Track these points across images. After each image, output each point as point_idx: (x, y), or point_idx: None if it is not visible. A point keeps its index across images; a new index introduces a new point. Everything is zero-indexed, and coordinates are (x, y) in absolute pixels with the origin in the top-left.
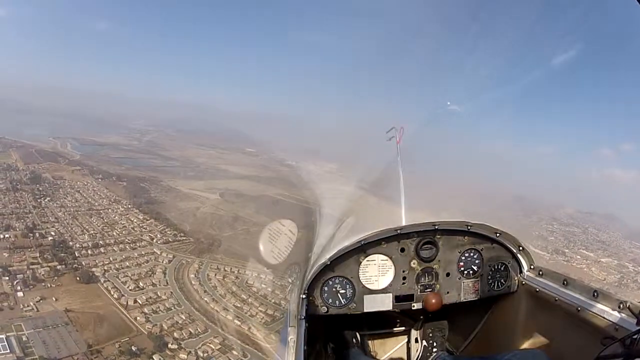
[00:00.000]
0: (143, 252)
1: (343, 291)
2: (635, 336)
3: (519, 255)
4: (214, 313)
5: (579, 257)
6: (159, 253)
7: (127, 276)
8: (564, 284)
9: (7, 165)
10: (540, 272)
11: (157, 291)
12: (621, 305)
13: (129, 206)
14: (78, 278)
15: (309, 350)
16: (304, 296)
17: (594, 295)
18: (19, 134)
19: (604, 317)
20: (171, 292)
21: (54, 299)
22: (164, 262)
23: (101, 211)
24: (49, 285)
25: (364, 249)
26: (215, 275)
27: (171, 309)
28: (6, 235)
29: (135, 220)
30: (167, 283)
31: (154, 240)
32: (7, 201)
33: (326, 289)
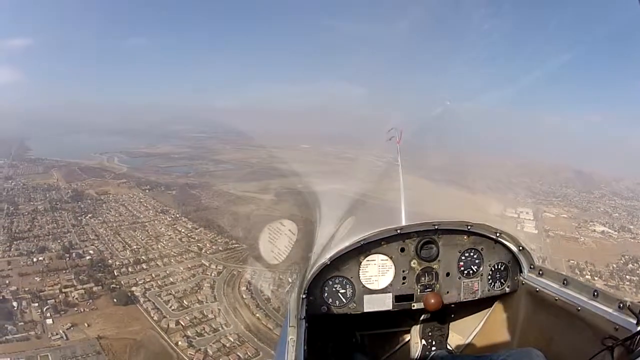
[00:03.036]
0: (190, 265)
1: (343, 291)
2: (636, 337)
3: (519, 255)
4: (267, 332)
5: None
6: (207, 265)
7: (170, 294)
8: (564, 283)
9: (48, 185)
10: (540, 272)
11: (203, 309)
12: (621, 305)
13: (177, 215)
14: (115, 300)
15: (309, 350)
16: (304, 296)
17: (594, 295)
18: (63, 153)
19: (604, 317)
20: (219, 310)
21: (86, 324)
22: (213, 274)
23: (146, 223)
24: (82, 310)
25: (364, 248)
26: (269, 285)
27: (218, 330)
28: (40, 258)
29: (183, 230)
30: (215, 299)
31: (203, 251)
32: (44, 222)
33: (326, 288)
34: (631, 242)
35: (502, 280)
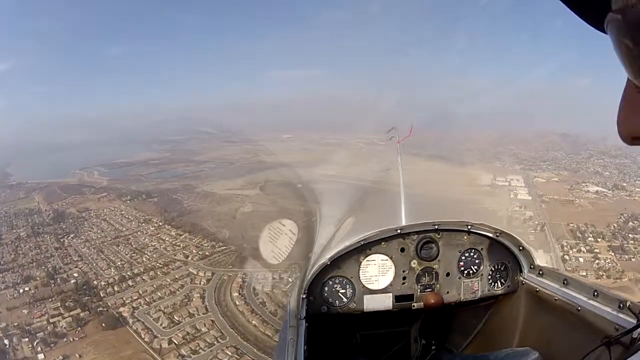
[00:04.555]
0: (177, 276)
1: (343, 291)
2: (630, 333)
3: (519, 255)
4: (266, 339)
5: (638, 189)
6: (195, 273)
7: (159, 310)
8: (564, 283)
9: (29, 210)
10: (541, 272)
11: (195, 323)
12: (621, 305)
13: (160, 223)
14: (104, 324)
15: (309, 350)
16: (304, 296)
17: (594, 294)
18: (43, 174)
19: (604, 317)
20: (212, 322)
21: (77, 355)
22: (202, 282)
23: (129, 236)
24: (71, 340)
25: (364, 248)
26: (263, 287)
27: (214, 344)
28: (25, 289)
29: (167, 239)
30: (206, 310)
31: (189, 258)
32: (27, 249)
33: (326, 288)
34: (627, 200)
35: (502, 280)
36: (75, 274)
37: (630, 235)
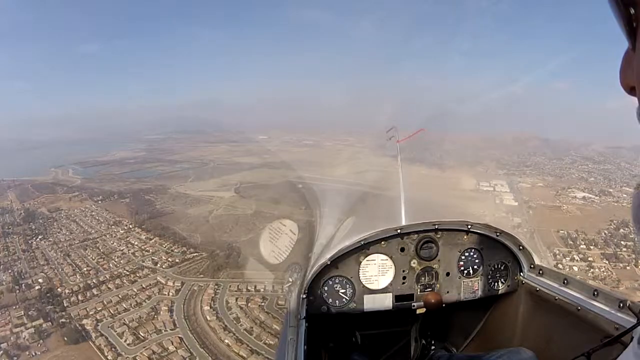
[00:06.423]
0: (144, 285)
1: (343, 291)
2: (630, 332)
3: (519, 254)
4: None
5: (625, 195)
6: (164, 282)
7: (124, 324)
8: (564, 283)
9: (1, 209)
10: (541, 272)
11: (162, 341)
12: (621, 305)
13: (130, 226)
14: (66, 338)
15: (308, 350)
16: (304, 296)
17: (594, 294)
18: (18, 172)
19: (604, 317)
20: (180, 339)
21: None
22: (171, 293)
23: (97, 239)
24: (33, 353)
25: (363, 248)
26: (237, 300)
27: None
28: None
29: (136, 243)
30: (174, 325)
31: (158, 265)
32: None
33: (326, 288)
34: (615, 206)
35: (502, 279)
36: (40, 280)
37: (622, 242)
